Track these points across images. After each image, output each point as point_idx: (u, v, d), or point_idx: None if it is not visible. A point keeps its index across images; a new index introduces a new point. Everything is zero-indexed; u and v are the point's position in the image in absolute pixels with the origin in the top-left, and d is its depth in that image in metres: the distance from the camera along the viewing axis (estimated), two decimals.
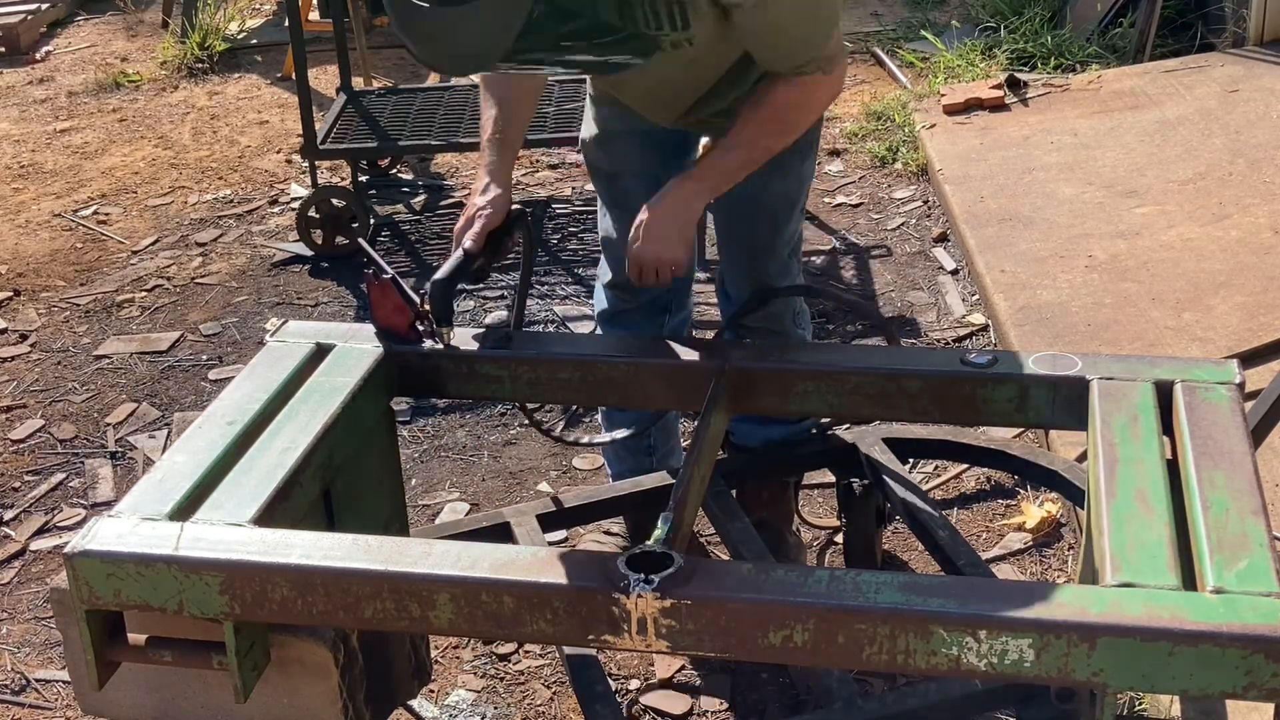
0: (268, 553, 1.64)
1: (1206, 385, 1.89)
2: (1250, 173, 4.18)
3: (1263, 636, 1.42)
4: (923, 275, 4.05)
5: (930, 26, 6.09)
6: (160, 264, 4.46)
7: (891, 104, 5.20)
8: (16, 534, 3.14)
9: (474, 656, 2.64)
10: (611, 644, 1.59)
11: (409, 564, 1.62)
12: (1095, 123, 4.73)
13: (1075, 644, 1.46)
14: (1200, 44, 5.39)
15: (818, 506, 3.01)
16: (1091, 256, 3.79)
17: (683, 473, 1.83)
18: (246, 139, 5.53)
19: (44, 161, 5.43)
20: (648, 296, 2.56)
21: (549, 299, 4.05)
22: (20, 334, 4.06)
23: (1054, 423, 2.03)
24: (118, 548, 1.65)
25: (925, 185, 4.63)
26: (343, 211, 4.40)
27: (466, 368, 2.13)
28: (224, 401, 1.96)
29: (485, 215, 2.18)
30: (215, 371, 3.76)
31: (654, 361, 2.12)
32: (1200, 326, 3.34)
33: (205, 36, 6.44)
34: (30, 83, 6.42)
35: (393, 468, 2.23)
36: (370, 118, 4.59)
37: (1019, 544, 2.86)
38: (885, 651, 1.51)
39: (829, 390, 2.06)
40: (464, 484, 3.21)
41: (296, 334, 2.14)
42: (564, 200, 4.74)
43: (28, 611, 2.88)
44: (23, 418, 3.60)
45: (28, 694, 2.64)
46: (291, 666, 1.72)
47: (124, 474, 3.33)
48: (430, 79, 5.67)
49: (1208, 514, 1.62)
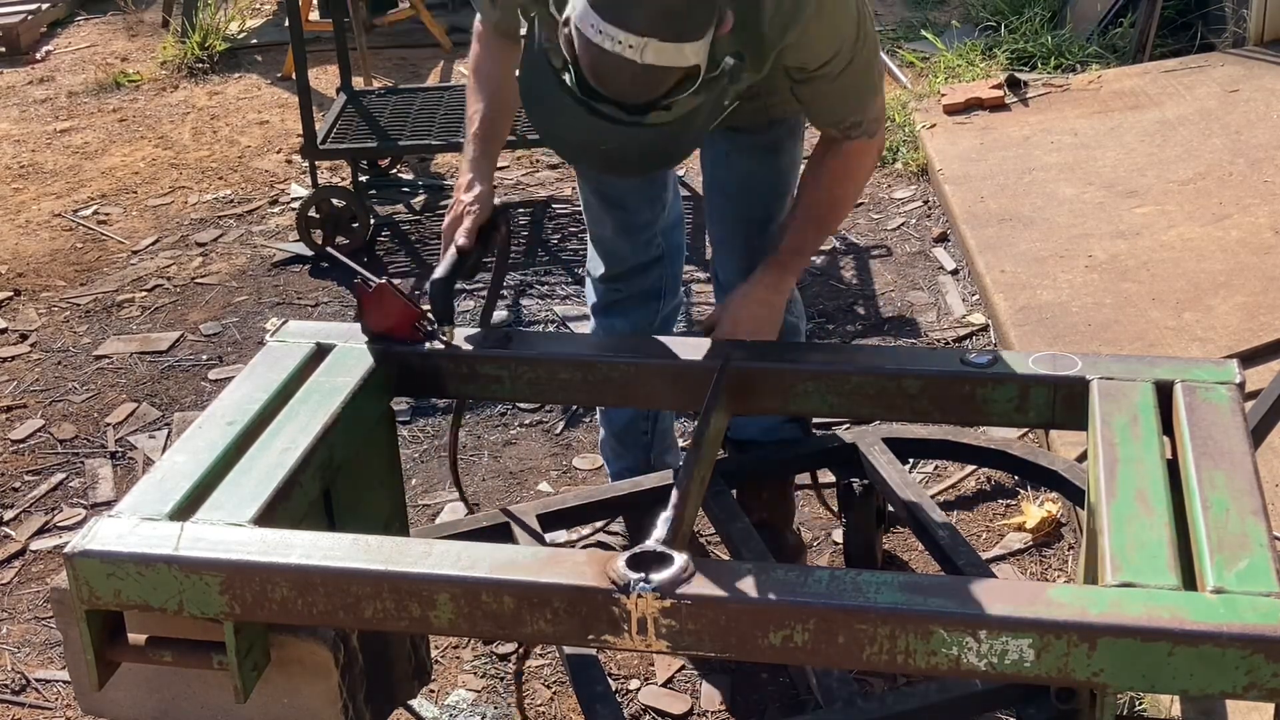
0: (268, 553, 1.64)
1: (1206, 385, 1.89)
2: (1250, 173, 4.18)
3: (1263, 636, 1.42)
4: (923, 275, 4.05)
5: (930, 26, 6.09)
6: (160, 264, 4.46)
7: (891, 104, 5.19)
8: (16, 534, 3.14)
9: (474, 656, 2.64)
10: (611, 644, 1.59)
11: (409, 564, 1.62)
12: (1095, 123, 4.73)
13: (1075, 644, 1.46)
14: (1200, 44, 5.39)
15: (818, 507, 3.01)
16: (1091, 256, 3.79)
17: (683, 473, 1.83)
18: (246, 139, 5.53)
19: (44, 161, 5.43)
20: (640, 286, 2.64)
21: (549, 299, 4.05)
22: (20, 334, 4.06)
23: (1054, 423, 2.03)
24: (118, 548, 1.65)
25: (925, 185, 4.63)
26: (343, 211, 4.40)
27: (466, 368, 2.13)
28: (224, 401, 1.96)
29: (474, 211, 2.20)
30: (215, 371, 3.76)
31: (654, 361, 2.12)
32: (1200, 326, 3.34)
33: (205, 36, 6.44)
34: (30, 83, 6.42)
35: (393, 468, 2.23)
36: (370, 118, 4.59)
37: (1019, 544, 2.85)
38: (885, 651, 1.51)
39: (829, 390, 2.07)
40: (464, 484, 3.21)
41: (296, 334, 2.14)
42: (564, 200, 4.74)
43: (28, 611, 2.88)
44: (23, 418, 3.60)
45: (28, 694, 2.64)
46: (291, 666, 1.73)
47: (124, 474, 3.33)
48: (430, 79, 5.68)
49: (1208, 514, 1.62)
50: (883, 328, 3.76)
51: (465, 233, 2.18)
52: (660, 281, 2.67)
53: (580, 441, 3.32)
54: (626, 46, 1.73)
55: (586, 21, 1.75)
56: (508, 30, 2.29)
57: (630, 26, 1.73)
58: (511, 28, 2.28)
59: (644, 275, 2.65)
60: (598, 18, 1.74)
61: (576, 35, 1.78)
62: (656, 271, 2.66)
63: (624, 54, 1.74)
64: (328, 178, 4.93)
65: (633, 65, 1.75)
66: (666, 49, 1.75)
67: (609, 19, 1.73)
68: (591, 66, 1.79)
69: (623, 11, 1.73)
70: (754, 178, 2.48)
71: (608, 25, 1.73)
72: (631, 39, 1.73)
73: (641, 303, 2.67)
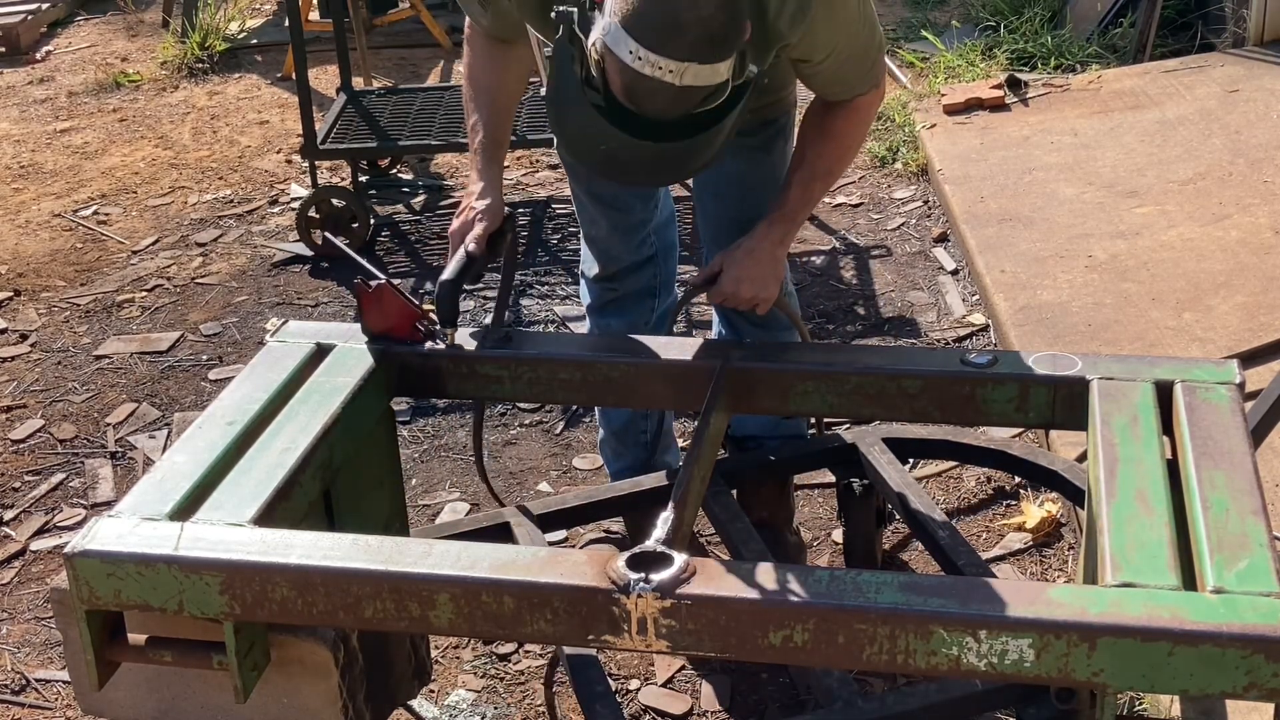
0: (268, 553, 1.64)
1: (1206, 385, 1.89)
2: (1250, 173, 4.18)
3: (1263, 636, 1.42)
4: (923, 275, 4.05)
5: (930, 26, 6.09)
6: (160, 264, 4.46)
7: (891, 104, 5.19)
8: (16, 534, 3.14)
9: (474, 656, 2.64)
10: (611, 644, 1.59)
11: (409, 564, 1.62)
12: (1095, 123, 4.73)
13: (1075, 644, 1.46)
14: (1200, 44, 5.39)
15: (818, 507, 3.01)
16: (1091, 256, 3.79)
17: (683, 473, 1.83)
18: (246, 139, 5.53)
19: (44, 161, 5.43)
20: (634, 285, 2.65)
21: (549, 299, 4.05)
22: (20, 334, 4.06)
23: (1054, 423, 2.03)
24: (118, 548, 1.65)
25: (925, 185, 4.63)
26: (343, 211, 4.40)
27: (466, 368, 2.13)
28: (224, 401, 1.96)
29: (485, 220, 2.22)
30: (215, 371, 3.76)
31: (654, 361, 2.12)
32: (1200, 326, 3.34)
33: (205, 36, 6.44)
34: (30, 83, 6.42)
35: (393, 468, 2.23)
36: (370, 118, 4.59)
37: (1019, 544, 2.85)
38: (885, 651, 1.51)
39: (829, 390, 2.07)
40: (464, 484, 3.21)
41: (296, 334, 2.14)
42: (564, 200, 4.74)
43: (28, 611, 2.88)
44: (23, 418, 3.60)
45: (28, 694, 2.64)
46: (291, 666, 1.72)
47: (124, 474, 3.33)
48: (430, 79, 5.68)
49: (1208, 514, 1.62)
50: (883, 328, 3.76)
51: (475, 239, 2.20)
52: (654, 280, 2.68)
53: (580, 441, 3.32)
54: (667, 72, 1.73)
55: (623, 47, 1.74)
56: (499, 34, 2.29)
57: (673, 54, 1.73)
58: (503, 31, 2.28)
59: (638, 274, 2.66)
60: (637, 44, 1.73)
61: (609, 57, 1.77)
62: (650, 270, 2.67)
63: (663, 79, 1.74)
64: (328, 178, 4.94)
65: (671, 88, 1.75)
66: (705, 71, 1.75)
67: (650, 46, 1.72)
68: (625, 89, 1.79)
69: (665, 40, 1.72)
70: (745, 178, 2.48)
71: (648, 52, 1.72)
72: (673, 64, 1.73)
73: (636, 301, 2.68)
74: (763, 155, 2.47)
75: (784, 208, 2.28)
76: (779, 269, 2.28)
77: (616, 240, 2.62)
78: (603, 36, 1.77)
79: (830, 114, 2.25)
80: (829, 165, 2.29)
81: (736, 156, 2.46)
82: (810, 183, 2.28)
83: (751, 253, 2.25)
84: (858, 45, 2.14)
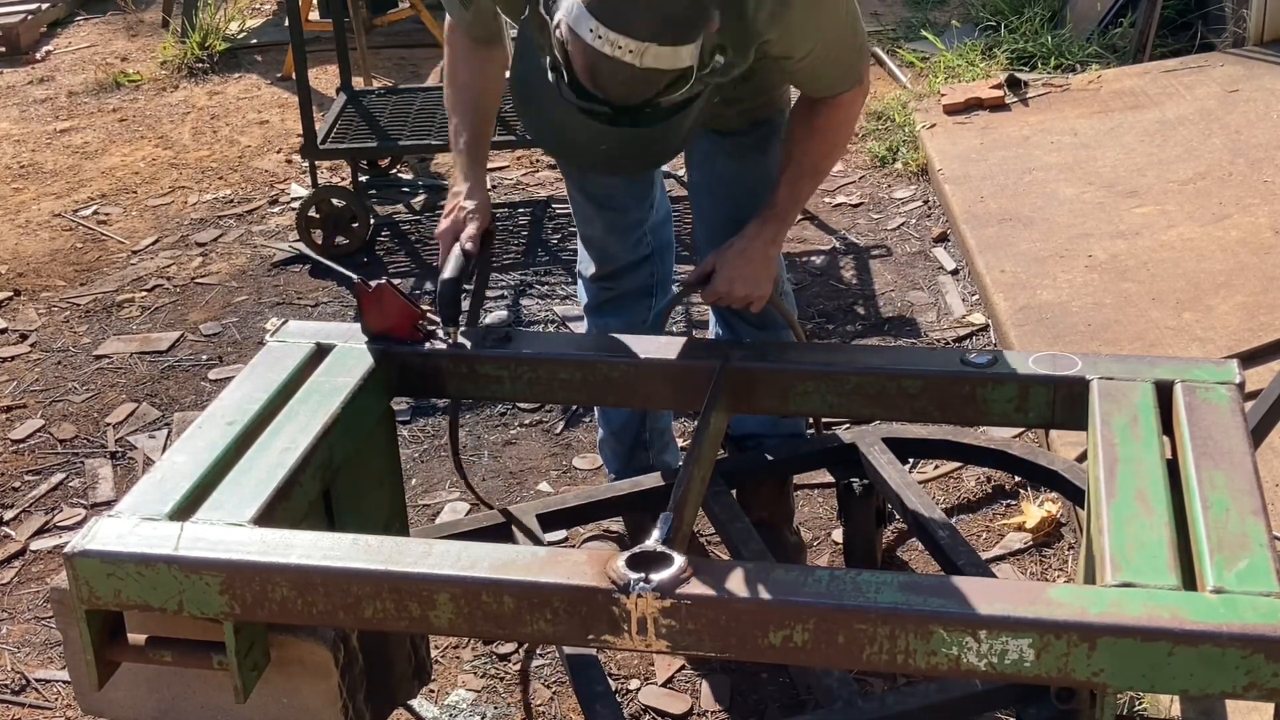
0: (268, 553, 1.64)
1: (1206, 385, 1.89)
2: (1250, 173, 4.18)
3: (1263, 636, 1.42)
4: (923, 275, 4.05)
5: (930, 26, 6.09)
6: (160, 264, 4.46)
7: (891, 104, 5.20)
8: (16, 534, 3.14)
9: (474, 656, 2.64)
10: (611, 644, 1.59)
11: (409, 564, 1.62)
12: (1095, 123, 4.73)
13: (1075, 644, 1.46)
14: (1200, 44, 5.39)
15: (818, 507, 3.01)
16: (1091, 256, 3.79)
17: (683, 473, 1.83)
18: (246, 139, 5.53)
19: (44, 161, 5.43)
20: (632, 284, 2.66)
21: (549, 299, 4.05)
22: (20, 334, 4.06)
23: (1054, 423, 2.03)
24: (118, 548, 1.65)
25: (925, 185, 4.63)
26: (343, 211, 4.40)
27: (466, 368, 2.13)
28: (224, 401, 1.96)
29: (477, 217, 2.24)
30: (215, 371, 3.76)
31: (654, 361, 2.12)
32: (1200, 326, 3.34)
33: (205, 36, 6.44)
34: (30, 83, 6.42)
35: (393, 468, 2.23)
36: (370, 118, 4.59)
37: (1019, 544, 2.85)
38: (885, 651, 1.51)
39: (829, 390, 2.07)
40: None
41: (296, 334, 2.14)
42: (564, 200, 4.74)
43: (28, 611, 2.88)
44: (23, 418, 3.60)
45: (28, 694, 2.64)
46: (291, 666, 1.72)
47: (124, 474, 3.33)
48: (430, 79, 5.67)
49: (1208, 514, 1.62)
50: (883, 328, 3.77)
51: (470, 238, 2.22)
52: (652, 279, 2.69)
53: (580, 441, 3.32)
54: (627, 51, 1.73)
55: (584, 25, 1.75)
56: (480, 34, 2.30)
57: (632, 33, 1.73)
58: (484, 31, 2.29)
59: (635, 273, 2.66)
60: (596, 22, 1.73)
61: (571, 37, 1.77)
62: (647, 269, 2.67)
63: (623, 58, 1.74)
64: (328, 178, 4.93)
65: (631, 69, 1.75)
66: (665, 53, 1.75)
67: (610, 24, 1.73)
68: (588, 69, 1.79)
69: (625, 18, 1.73)
70: (739, 178, 2.49)
71: (608, 30, 1.73)
72: (632, 44, 1.73)
73: (634, 300, 2.69)
74: (758, 155, 2.47)
75: (774, 207, 2.29)
76: (772, 268, 2.30)
77: (612, 239, 2.62)
78: (566, 17, 1.78)
79: (815, 111, 2.26)
80: (815, 162, 2.30)
81: (731, 157, 2.47)
82: (799, 181, 2.29)
83: (743, 252, 2.26)
84: (840, 42, 2.15)
